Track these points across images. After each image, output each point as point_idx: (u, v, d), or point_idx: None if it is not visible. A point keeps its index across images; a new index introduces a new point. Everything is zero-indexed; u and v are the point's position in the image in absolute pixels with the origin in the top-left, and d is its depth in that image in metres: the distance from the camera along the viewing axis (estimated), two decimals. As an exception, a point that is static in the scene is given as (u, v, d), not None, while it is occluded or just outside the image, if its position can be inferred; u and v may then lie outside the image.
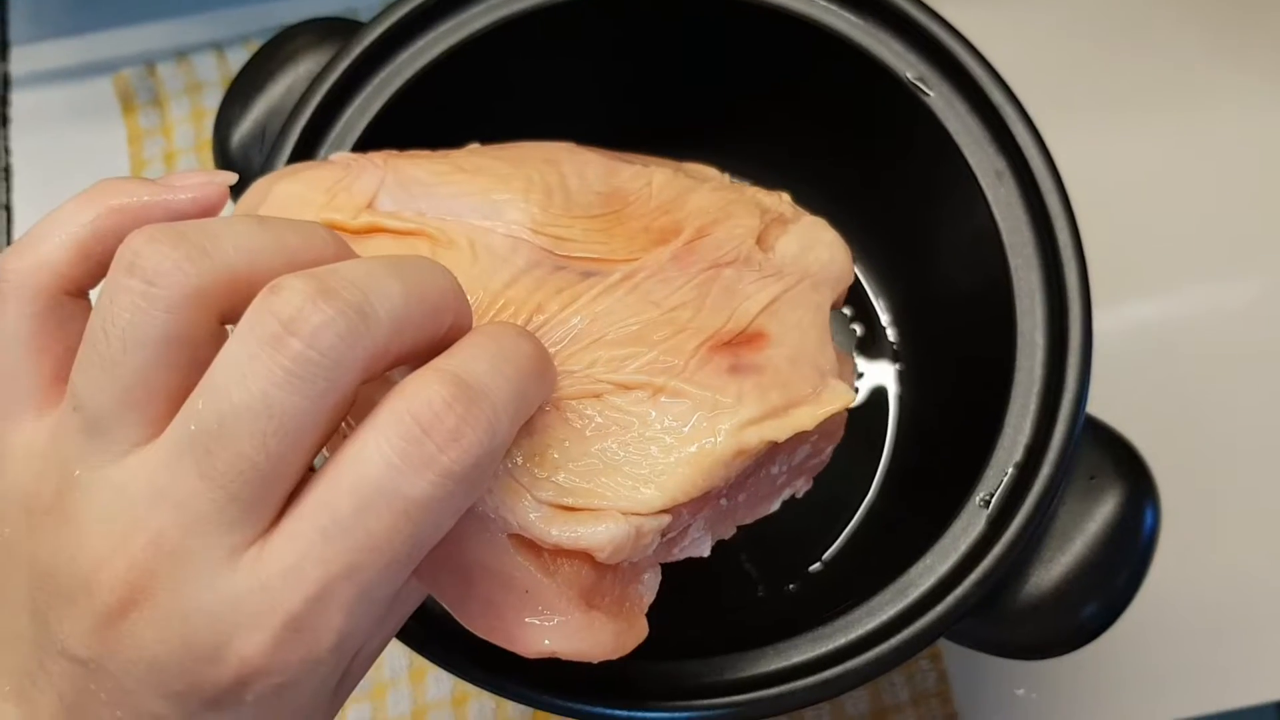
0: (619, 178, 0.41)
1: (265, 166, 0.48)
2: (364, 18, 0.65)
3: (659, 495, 0.33)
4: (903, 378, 0.57)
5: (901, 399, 0.57)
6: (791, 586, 0.54)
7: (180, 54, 0.67)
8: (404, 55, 0.50)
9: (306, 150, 0.49)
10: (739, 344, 0.37)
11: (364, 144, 0.49)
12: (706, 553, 0.38)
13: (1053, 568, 0.45)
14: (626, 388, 0.35)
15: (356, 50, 0.49)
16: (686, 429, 0.34)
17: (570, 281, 0.37)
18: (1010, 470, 0.44)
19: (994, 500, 0.44)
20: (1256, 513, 0.61)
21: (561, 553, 0.32)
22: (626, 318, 0.36)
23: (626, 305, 0.37)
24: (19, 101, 0.67)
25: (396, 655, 0.57)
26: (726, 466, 0.34)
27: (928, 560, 0.44)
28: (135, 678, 0.26)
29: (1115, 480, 0.45)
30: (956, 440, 0.51)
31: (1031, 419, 0.45)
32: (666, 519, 0.33)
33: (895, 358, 0.57)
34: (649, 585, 0.36)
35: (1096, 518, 0.45)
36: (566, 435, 0.33)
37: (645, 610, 0.35)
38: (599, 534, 0.32)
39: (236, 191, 0.51)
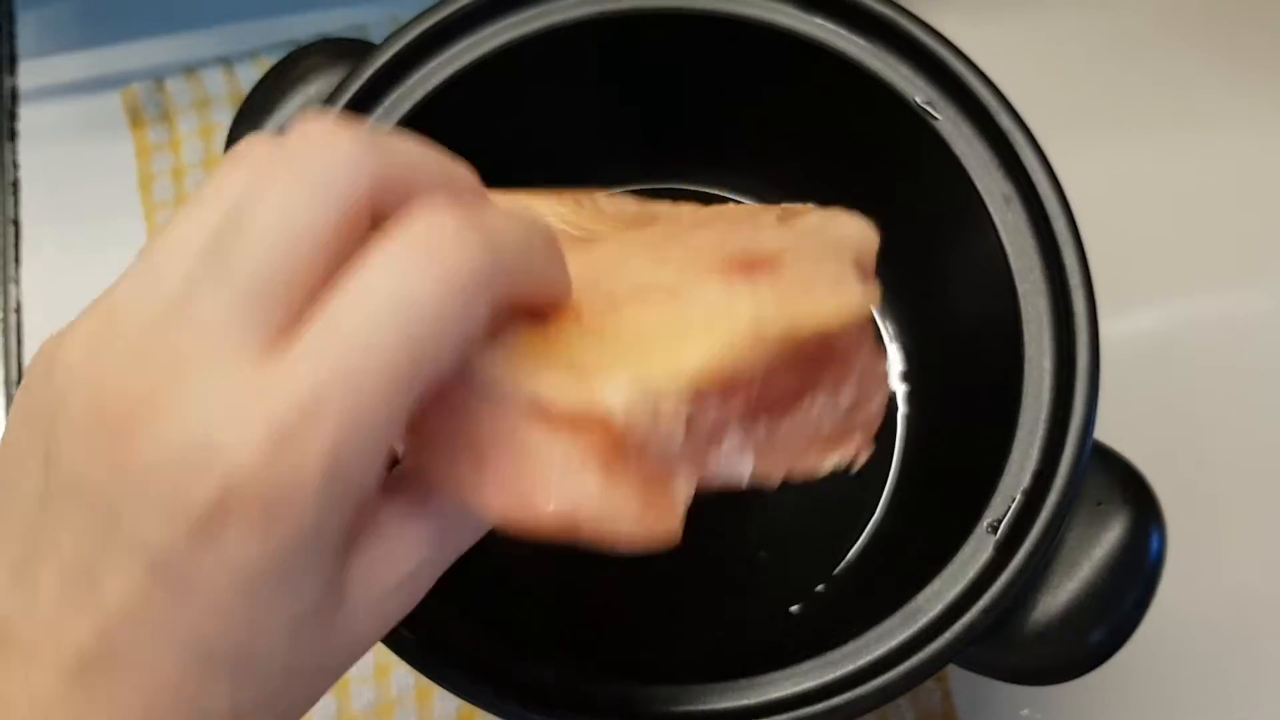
0: (649, 205, 0.42)
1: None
2: (374, 35, 0.66)
3: (675, 370, 0.32)
4: (911, 399, 0.57)
5: (909, 420, 0.57)
6: (795, 608, 0.54)
7: (189, 69, 0.67)
8: (414, 78, 0.50)
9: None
10: (757, 263, 0.36)
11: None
12: (745, 479, 0.36)
13: (1060, 593, 0.45)
14: (644, 295, 0.34)
15: (366, 73, 0.49)
16: (703, 316, 0.33)
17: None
18: (1018, 496, 0.45)
19: (1002, 526, 0.44)
20: (1263, 531, 0.61)
21: (579, 421, 0.31)
22: (647, 254, 0.37)
23: (648, 246, 0.37)
24: (27, 116, 0.67)
25: (403, 674, 0.57)
26: (747, 350, 0.33)
27: (936, 586, 0.44)
28: (124, 494, 0.26)
29: (1121, 506, 0.45)
30: (964, 464, 0.51)
31: (1039, 445, 0.45)
32: (686, 402, 0.32)
33: (903, 378, 0.57)
34: (684, 485, 0.34)
35: (1103, 543, 0.45)
36: (582, 330, 0.33)
37: (680, 509, 0.33)
38: (613, 397, 0.30)
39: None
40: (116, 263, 0.62)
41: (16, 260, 0.64)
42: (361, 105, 0.50)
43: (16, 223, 0.65)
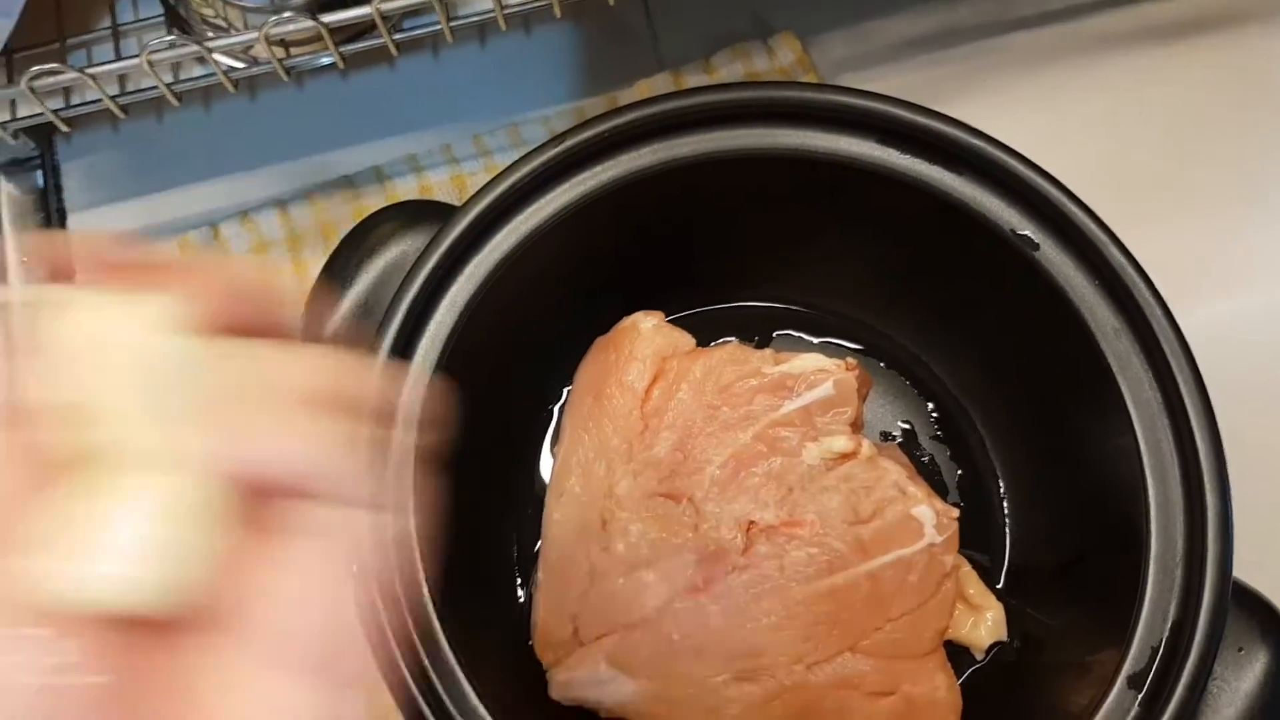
0: None
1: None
2: (425, 165, 0.65)
3: None
4: (1017, 529, 0.56)
5: (1014, 544, 0.56)
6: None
7: (243, 213, 0.66)
8: (495, 238, 0.50)
9: (405, 348, 0.48)
10: None
11: (459, 334, 0.49)
12: None
13: (1206, 738, 0.44)
14: None
15: (445, 244, 0.49)
16: None
17: None
18: (1160, 649, 0.43)
19: (1147, 684, 0.43)
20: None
21: None
22: None
23: None
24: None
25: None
26: None
27: (1084, 746, 0.43)
28: None
29: (1261, 647, 0.44)
30: (1083, 605, 0.50)
31: (1176, 592, 0.44)
32: None
33: (1008, 513, 0.56)
34: None
35: (1245, 688, 0.44)
36: None
37: None
38: None
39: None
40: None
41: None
42: (445, 273, 0.49)
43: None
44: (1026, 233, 0.48)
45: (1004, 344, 0.54)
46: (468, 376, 0.49)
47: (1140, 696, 0.43)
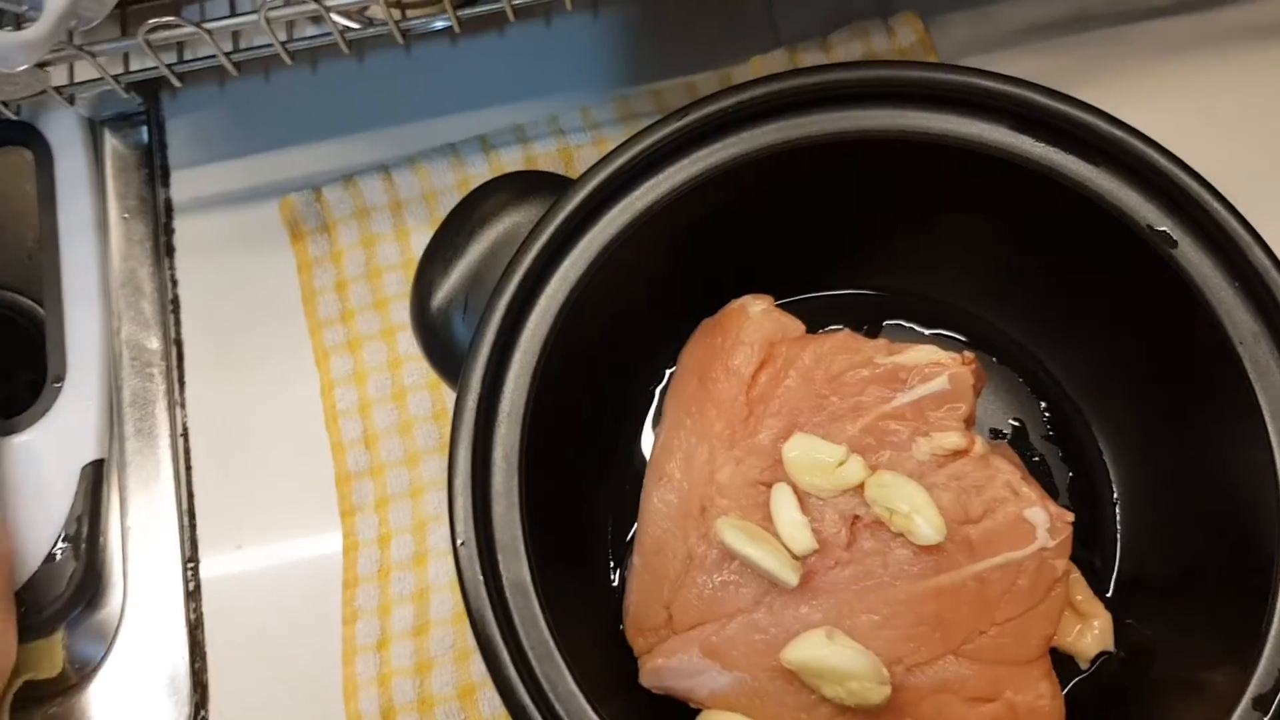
0: None
1: (470, 340, 0.47)
2: (531, 136, 0.64)
3: None
4: (1134, 533, 0.54)
5: (1125, 551, 0.54)
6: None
7: (346, 177, 0.65)
8: (602, 220, 0.49)
9: (514, 323, 0.47)
10: None
11: (570, 309, 0.48)
12: None
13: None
14: None
15: (559, 218, 0.48)
16: None
17: None
18: (1289, 672, 0.41)
19: (1273, 707, 0.41)
20: None
21: None
22: None
23: None
24: (183, 229, 0.66)
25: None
26: None
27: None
28: None
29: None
30: (1200, 613, 0.48)
31: (1311, 614, 0.42)
32: None
33: (1122, 515, 0.55)
34: None
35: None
36: None
37: None
38: None
39: (441, 366, 0.50)
40: (279, 380, 0.62)
41: (181, 383, 0.63)
42: (558, 249, 0.48)
43: (179, 342, 0.64)
44: (1164, 229, 0.46)
45: (1128, 345, 0.52)
46: (574, 352, 0.48)
47: (1266, 719, 0.41)
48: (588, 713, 0.43)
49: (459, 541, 0.44)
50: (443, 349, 0.50)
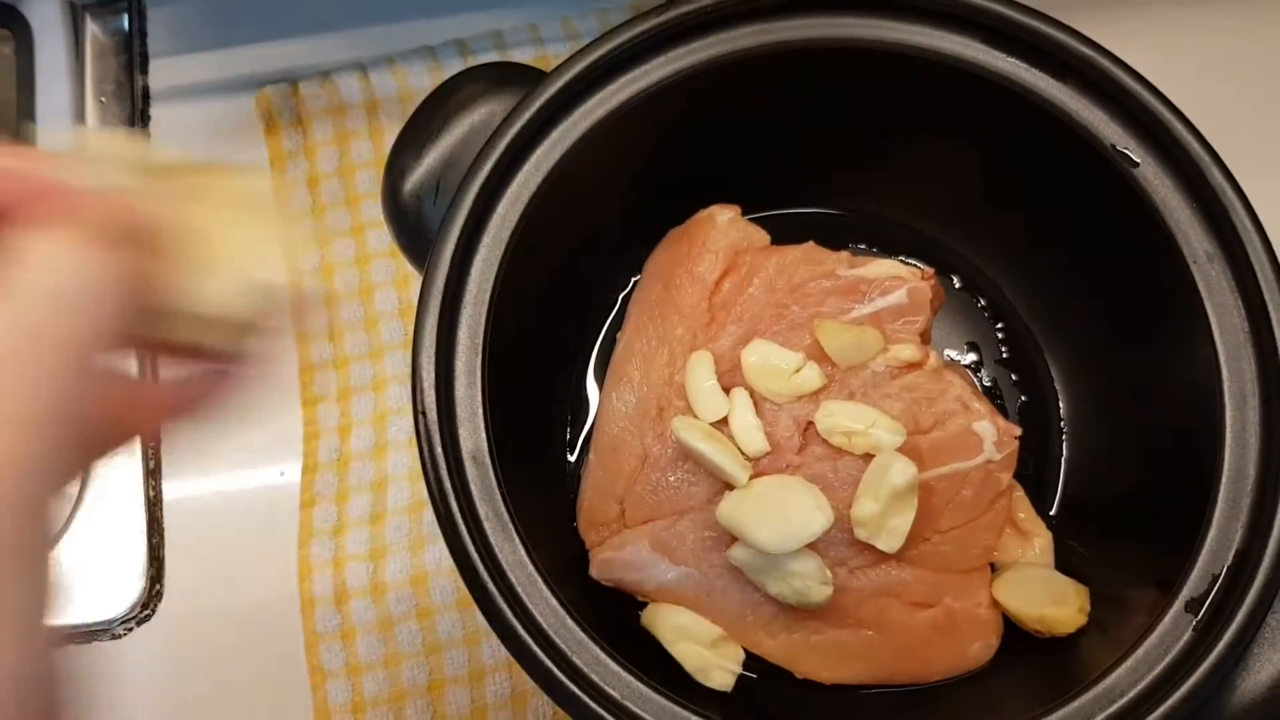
0: None
1: (441, 220, 0.47)
2: (510, 43, 0.64)
3: None
4: (1078, 449, 0.55)
5: (1070, 474, 0.55)
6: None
7: (323, 73, 0.65)
8: (582, 108, 0.49)
9: (485, 207, 0.47)
10: None
11: (540, 198, 0.48)
12: None
13: (1260, 675, 0.43)
14: None
15: (534, 105, 0.48)
16: None
17: None
18: (1220, 575, 0.43)
19: (1204, 608, 0.42)
20: None
21: None
22: None
23: None
24: (159, 115, 0.66)
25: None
26: None
27: (1130, 665, 0.42)
28: None
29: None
30: (1141, 527, 0.49)
31: (1243, 522, 0.43)
32: None
33: (1067, 429, 0.56)
34: None
35: (1306, 620, 0.43)
36: None
37: None
38: None
39: (410, 248, 0.50)
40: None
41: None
42: (531, 137, 0.48)
43: (148, 229, 0.64)
44: (1127, 149, 0.47)
45: (1085, 266, 0.53)
46: (543, 245, 0.49)
47: (1196, 620, 0.42)
48: (537, 581, 0.43)
49: (420, 410, 0.44)
50: (412, 232, 0.50)
